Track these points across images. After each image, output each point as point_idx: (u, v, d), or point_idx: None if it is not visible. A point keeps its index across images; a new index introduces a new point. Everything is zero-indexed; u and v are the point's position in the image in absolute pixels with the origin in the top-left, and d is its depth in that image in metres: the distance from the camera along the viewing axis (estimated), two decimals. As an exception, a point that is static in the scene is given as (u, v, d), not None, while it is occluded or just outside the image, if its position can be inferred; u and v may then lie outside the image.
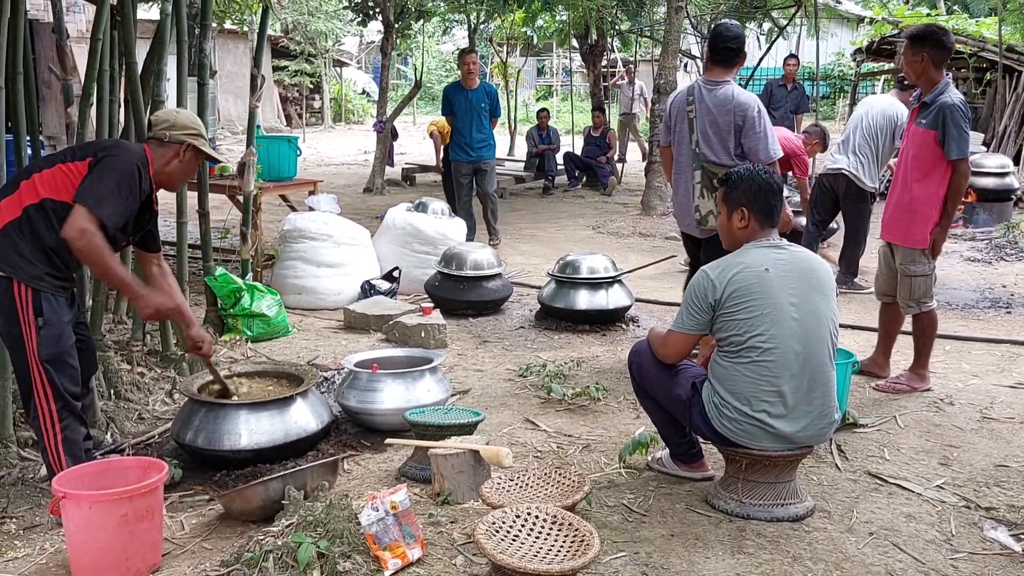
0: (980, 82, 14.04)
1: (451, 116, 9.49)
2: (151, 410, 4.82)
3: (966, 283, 8.00)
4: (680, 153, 5.21)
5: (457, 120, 9.40)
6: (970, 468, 4.09)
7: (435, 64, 34.70)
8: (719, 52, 5.07)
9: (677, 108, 5.22)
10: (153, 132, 3.80)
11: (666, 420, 3.83)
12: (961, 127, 4.82)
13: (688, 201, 5.15)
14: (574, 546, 2.94)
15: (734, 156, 4.98)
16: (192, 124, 3.83)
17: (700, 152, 5.05)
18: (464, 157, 9.39)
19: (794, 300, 3.43)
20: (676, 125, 5.23)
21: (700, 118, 5.05)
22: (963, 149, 4.85)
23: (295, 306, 6.94)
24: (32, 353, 3.51)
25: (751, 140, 4.95)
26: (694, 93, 5.11)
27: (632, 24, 18.18)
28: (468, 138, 9.36)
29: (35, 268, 3.50)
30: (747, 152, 4.97)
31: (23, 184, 3.55)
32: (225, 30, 21.42)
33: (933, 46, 4.85)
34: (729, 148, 5.00)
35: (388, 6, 13.82)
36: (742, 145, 4.99)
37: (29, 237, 3.50)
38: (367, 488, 3.78)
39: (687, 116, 5.12)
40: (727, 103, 4.97)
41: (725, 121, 4.98)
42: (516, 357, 5.86)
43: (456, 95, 9.48)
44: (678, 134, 5.21)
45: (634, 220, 11.48)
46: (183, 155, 3.80)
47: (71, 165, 3.55)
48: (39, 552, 3.41)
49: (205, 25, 5.64)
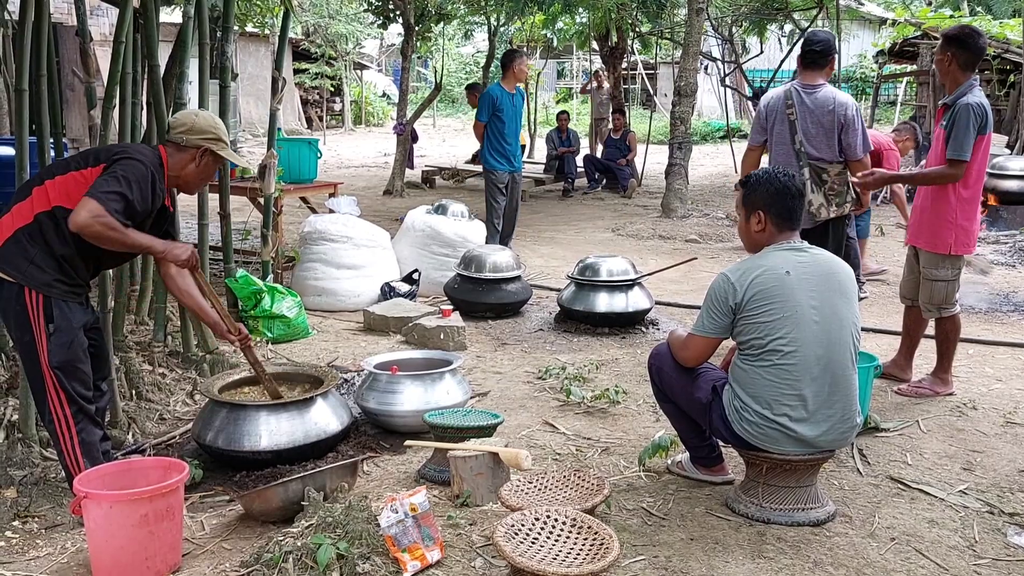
0: (1004, 84, 13.93)
1: (483, 123, 8.79)
2: (172, 410, 4.85)
3: (989, 286, 7.93)
4: (779, 153, 5.57)
5: (505, 126, 8.71)
6: (993, 473, 4.05)
7: (455, 67, 34.77)
8: (808, 56, 5.51)
9: (775, 111, 5.58)
10: (170, 135, 3.75)
11: (686, 423, 3.82)
12: (966, 127, 4.73)
13: None
14: (593, 549, 2.93)
15: (837, 152, 5.44)
16: (211, 128, 3.75)
17: (804, 150, 5.46)
18: (507, 166, 8.80)
19: (815, 303, 3.41)
20: (775, 127, 5.59)
21: (802, 119, 5.45)
22: (959, 151, 4.74)
23: (315, 308, 6.96)
24: (43, 359, 3.50)
25: (850, 136, 5.40)
26: (792, 97, 5.49)
27: (652, 26, 18.15)
28: (512, 146, 8.83)
29: (46, 275, 3.48)
30: (844, 147, 5.42)
31: (35, 190, 3.52)
32: (247, 33, 21.52)
33: (958, 47, 4.81)
34: (833, 145, 5.42)
35: (408, 9, 13.86)
36: (841, 141, 5.42)
37: (40, 244, 3.47)
38: (386, 490, 3.79)
39: (787, 118, 5.50)
40: (828, 103, 5.40)
41: (828, 120, 5.40)
42: (535, 359, 5.86)
43: (503, 98, 8.76)
44: (777, 135, 5.57)
45: (654, 222, 11.45)
46: (200, 160, 3.75)
47: (84, 172, 3.51)
48: (60, 551, 3.44)
49: (227, 28, 5.68)
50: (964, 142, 4.74)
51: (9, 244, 3.47)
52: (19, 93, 4.52)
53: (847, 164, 5.47)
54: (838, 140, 5.41)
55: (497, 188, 8.81)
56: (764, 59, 17.56)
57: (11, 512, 3.67)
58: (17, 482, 3.88)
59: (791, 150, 5.50)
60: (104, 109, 4.89)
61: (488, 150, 8.81)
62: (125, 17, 4.90)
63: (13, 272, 3.46)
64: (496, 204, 8.84)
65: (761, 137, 5.70)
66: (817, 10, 14.76)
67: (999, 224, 10.42)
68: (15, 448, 4.07)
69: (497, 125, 8.71)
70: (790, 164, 5.42)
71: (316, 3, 24.32)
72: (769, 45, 18.48)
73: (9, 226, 3.50)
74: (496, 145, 8.76)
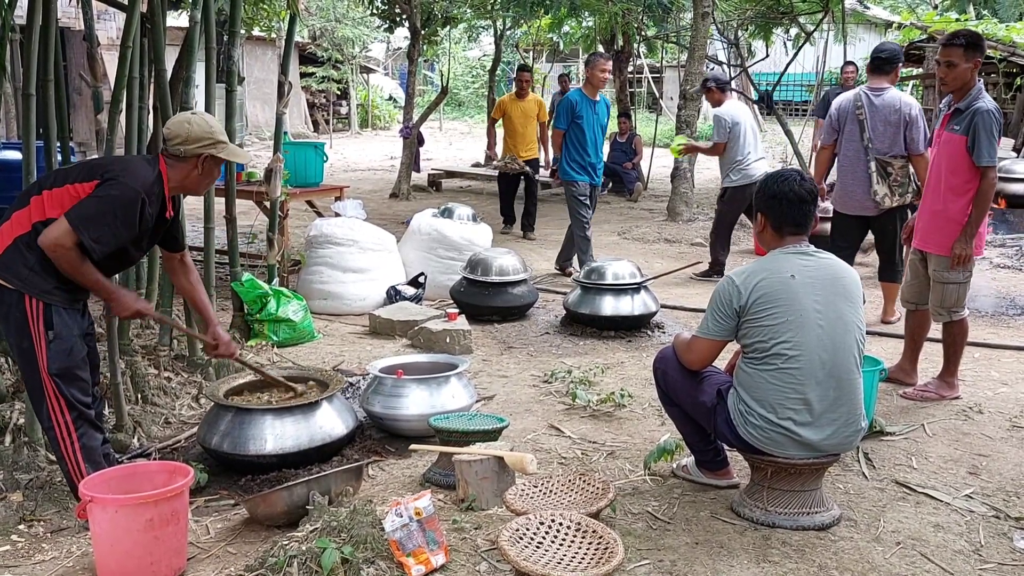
0: (1010, 87, 13.89)
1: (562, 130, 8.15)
2: (177, 414, 4.86)
3: (995, 290, 7.91)
4: (849, 149, 6.35)
5: (585, 136, 8.07)
6: (999, 477, 4.04)
7: (461, 70, 34.80)
8: (876, 63, 6.35)
9: (846, 112, 6.35)
10: (168, 148, 3.66)
11: (691, 427, 3.82)
12: (992, 133, 4.77)
13: (857, 187, 6.31)
14: (598, 553, 2.93)
15: (901, 147, 6.23)
16: (206, 133, 3.66)
17: (873, 147, 6.22)
18: (587, 178, 8.20)
19: (819, 307, 3.41)
20: (845, 126, 6.36)
21: (870, 118, 6.24)
22: (992, 156, 4.80)
23: (321, 311, 6.97)
24: (42, 366, 3.50)
25: (913, 132, 6.19)
26: (861, 99, 6.28)
27: (658, 30, 18.13)
28: (593, 157, 8.20)
29: (45, 282, 3.48)
30: (908, 142, 6.22)
31: (33, 200, 3.50)
32: (253, 37, 21.54)
33: (979, 51, 4.80)
34: (898, 141, 6.22)
35: (415, 13, 13.87)
36: (905, 137, 6.21)
37: (38, 252, 3.45)
38: (391, 494, 3.79)
39: (856, 118, 6.28)
40: (895, 104, 6.21)
41: (895, 119, 6.20)
42: (541, 363, 5.86)
43: (583, 105, 8.11)
44: (848, 133, 6.34)
45: (660, 226, 11.44)
46: (202, 166, 3.69)
47: (78, 186, 3.48)
48: (66, 555, 3.44)
49: (233, 32, 5.68)
50: (993, 148, 4.81)
51: (9, 251, 3.47)
52: (26, 98, 4.53)
53: (909, 158, 6.24)
54: (903, 137, 6.19)
55: (579, 200, 8.22)
56: (770, 63, 17.50)
57: (17, 516, 3.68)
58: (23, 486, 3.89)
59: (860, 146, 6.27)
60: (111, 113, 4.91)
61: (566, 161, 8.24)
62: (132, 21, 4.91)
63: (13, 279, 3.46)
64: (582, 216, 8.24)
65: (832, 136, 6.47)
66: (823, 14, 14.72)
67: (1004, 227, 10.40)
68: (21, 452, 4.08)
69: (576, 134, 8.11)
70: (857, 158, 6.27)
71: (323, 7, 24.36)
72: (775, 49, 18.45)
73: (8, 234, 3.49)
74: (575, 156, 8.18)
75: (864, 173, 6.26)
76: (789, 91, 27.88)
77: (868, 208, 6.33)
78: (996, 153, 4.82)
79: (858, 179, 6.30)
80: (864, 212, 6.39)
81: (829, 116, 6.52)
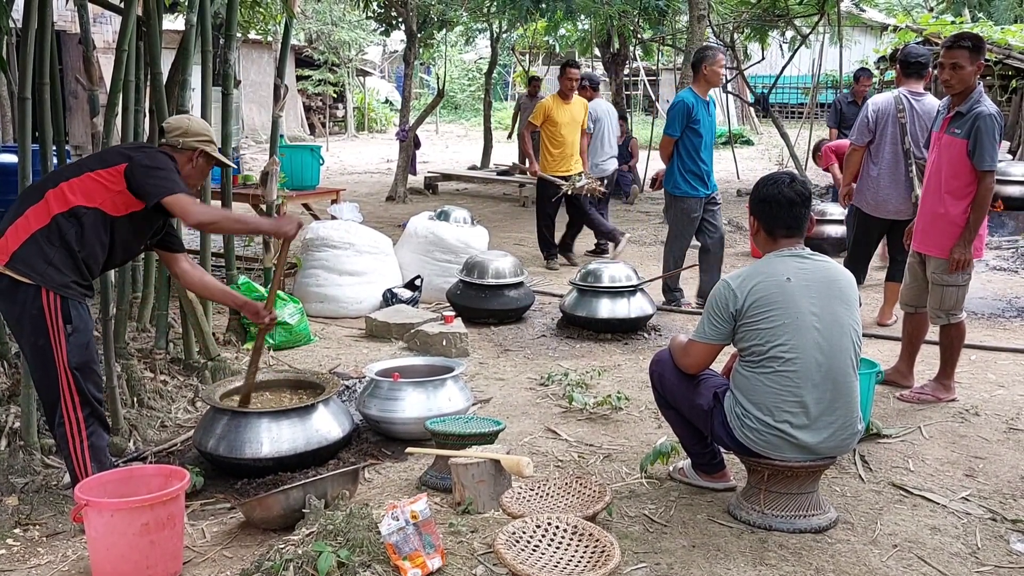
0: (1005, 90, 13.92)
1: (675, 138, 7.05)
2: (173, 418, 4.85)
3: (992, 292, 7.92)
4: (888, 152, 6.26)
5: (702, 141, 7.07)
6: (996, 480, 4.04)
7: (457, 73, 34.81)
8: (910, 67, 6.32)
9: (886, 115, 6.26)
10: (166, 139, 3.87)
11: (688, 430, 3.82)
12: (994, 137, 4.77)
13: (893, 190, 6.26)
14: (595, 557, 2.93)
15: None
16: (204, 131, 3.92)
17: (911, 150, 6.18)
18: (703, 191, 7.14)
19: (815, 310, 3.41)
20: (886, 128, 6.26)
21: (911, 122, 6.21)
22: (994, 160, 4.79)
23: (317, 314, 6.97)
24: (61, 361, 3.53)
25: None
26: (903, 103, 6.24)
27: (654, 33, 18.16)
28: (708, 165, 7.17)
29: (63, 276, 3.53)
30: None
31: (50, 193, 3.57)
32: (249, 40, 21.54)
33: (982, 54, 4.80)
34: None
35: (411, 16, 13.88)
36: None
37: (59, 245, 3.53)
38: (388, 497, 3.79)
39: (898, 121, 6.23)
40: (934, 109, 5.95)
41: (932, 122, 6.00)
42: (537, 366, 5.86)
43: (699, 107, 7.03)
44: (890, 136, 6.25)
45: (656, 229, 11.45)
46: (196, 160, 3.88)
47: (103, 172, 3.61)
48: (61, 559, 3.44)
49: (230, 35, 5.68)
50: (994, 152, 4.80)
51: (26, 246, 3.51)
52: (22, 101, 4.54)
53: None
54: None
55: (689, 218, 7.19)
56: (766, 65, 17.58)
57: (12, 520, 3.68)
58: (19, 490, 3.89)
59: (899, 150, 6.22)
60: (107, 117, 4.91)
61: (679, 172, 7.11)
62: (128, 25, 4.92)
63: (31, 273, 3.50)
64: (687, 240, 7.31)
65: (866, 138, 6.33)
66: (819, 16, 14.77)
67: (1001, 230, 10.41)
68: (17, 456, 4.08)
69: (692, 140, 7.04)
70: (897, 162, 6.22)
71: (319, 10, 24.35)
72: (771, 52, 18.49)
73: (24, 229, 3.54)
74: (690, 165, 7.07)
75: (904, 176, 6.21)
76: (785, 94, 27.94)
77: (903, 212, 6.22)
78: (997, 157, 4.82)
79: (897, 183, 6.24)
80: (899, 216, 6.25)
81: (865, 117, 6.33)
